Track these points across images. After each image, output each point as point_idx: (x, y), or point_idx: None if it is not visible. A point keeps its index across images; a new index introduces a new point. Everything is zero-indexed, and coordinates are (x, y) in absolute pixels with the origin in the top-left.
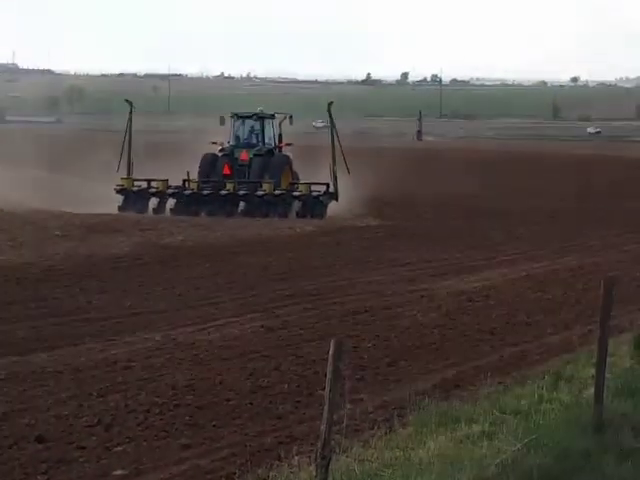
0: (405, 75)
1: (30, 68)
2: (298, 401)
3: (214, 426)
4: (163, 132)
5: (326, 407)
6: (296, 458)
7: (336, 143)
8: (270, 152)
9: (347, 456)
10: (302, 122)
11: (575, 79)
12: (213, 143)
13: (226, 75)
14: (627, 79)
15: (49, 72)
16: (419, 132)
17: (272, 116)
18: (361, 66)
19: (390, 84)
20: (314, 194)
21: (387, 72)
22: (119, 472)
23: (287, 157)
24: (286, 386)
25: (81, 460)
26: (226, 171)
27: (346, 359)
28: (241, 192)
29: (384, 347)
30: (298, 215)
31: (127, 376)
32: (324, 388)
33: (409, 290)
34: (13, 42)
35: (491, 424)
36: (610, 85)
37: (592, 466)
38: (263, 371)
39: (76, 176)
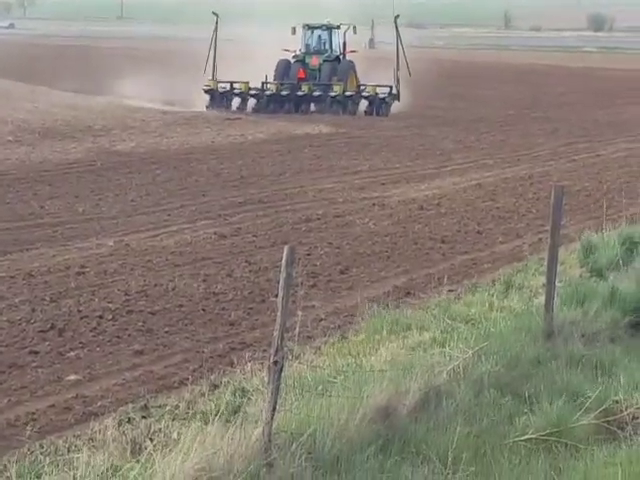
0: None
1: None
2: (250, 308)
3: (167, 332)
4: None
5: (278, 314)
6: (248, 364)
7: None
8: (337, 58)
9: (299, 362)
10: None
11: None
12: (285, 50)
13: None
14: None
15: None
16: (371, 40)
17: (338, 27)
18: None
19: None
20: (380, 95)
21: None
22: (72, 377)
23: (352, 62)
24: (238, 293)
25: (34, 365)
26: (301, 75)
27: (298, 266)
28: (315, 93)
29: (336, 254)
30: (366, 114)
31: (80, 281)
32: (276, 295)
33: (361, 198)
34: None
35: (442, 332)
36: None
37: (542, 373)
38: (216, 277)
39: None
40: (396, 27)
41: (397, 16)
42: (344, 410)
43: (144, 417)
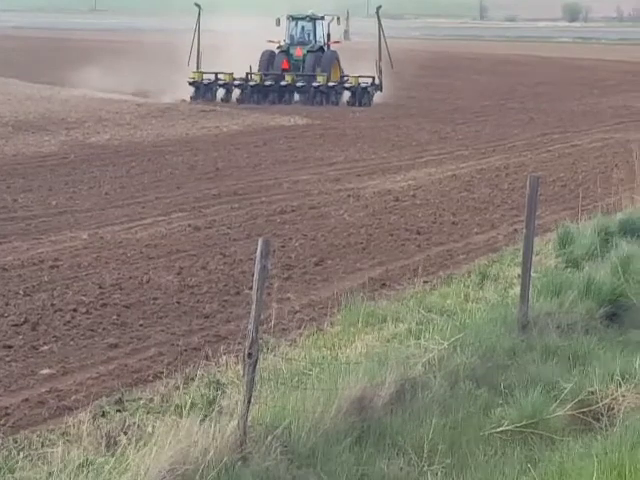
0: None
1: None
2: (225, 300)
3: (141, 325)
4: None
5: (253, 306)
6: (223, 357)
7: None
8: (321, 49)
9: (274, 355)
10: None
11: None
12: (270, 42)
13: None
14: None
15: None
16: (346, 32)
17: (322, 18)
18: None
19: None
20: (362, 85)
21: None
22: (46, 371)
23: (335, 53)
24: (213, 285)
25: (8, 359)
26: (285, 65)
27: (273, 258)
28: (299, 84)
29: (311, 246)
30: (348, 104)
31: (54, 275)
32: (251, 287)
33: (336, 189)
34: None
35: (418, 323)
36: None
37: (517, 364)
38: (190, 270)
39: None
40: (378, 18)
41: (379, 7)
42: (319, 402)
43: (118, 411)
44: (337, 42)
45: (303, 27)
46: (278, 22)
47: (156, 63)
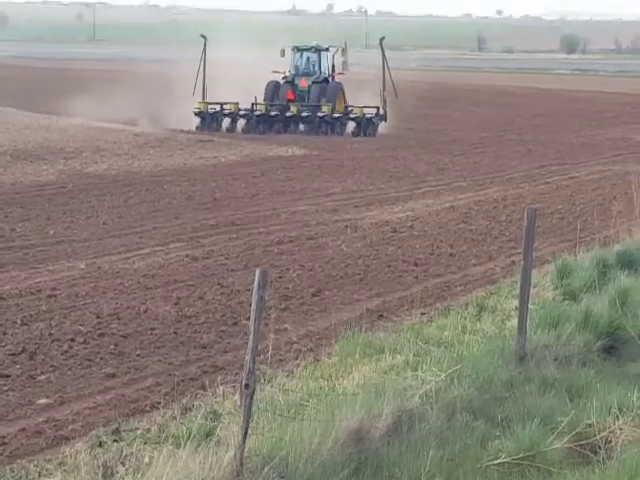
0: (330, 6)
1: None
2: (222, 331)
3: (138, 355)
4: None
5: (251, 337)
6: (221, 387)
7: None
8: (326, 80)
9: (271, 386)
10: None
11: (500, 11)
12: (274, 72)
13: (151, 4)
14: (551, 12)
15: None
16: (345, 63)
17: (327, 49)
18: None
19: (315, 15)
20: (367, 116)
21: (312, 2)
22: (43, 401)
23: (340, 84)
24: (211, 315)
25: (5, 389)
26: (290, 96)
27: (270, 289)
28: (304, 114)
29: (308, 277)
30: (353, 134)
31: (51, 304)
32: (249, 318)
33: (333, 220)
34: None
35: (415, 355)
36: (535, 18)
37: (515, 396)
38: (188, 300)
39: None
40: (382, 49)
41: (383, 38)
42: (316, 434)
43: (116, 441)
44: (341, 74)
45: (308, 58)
46: (283, 53)
47: (154, 93)
